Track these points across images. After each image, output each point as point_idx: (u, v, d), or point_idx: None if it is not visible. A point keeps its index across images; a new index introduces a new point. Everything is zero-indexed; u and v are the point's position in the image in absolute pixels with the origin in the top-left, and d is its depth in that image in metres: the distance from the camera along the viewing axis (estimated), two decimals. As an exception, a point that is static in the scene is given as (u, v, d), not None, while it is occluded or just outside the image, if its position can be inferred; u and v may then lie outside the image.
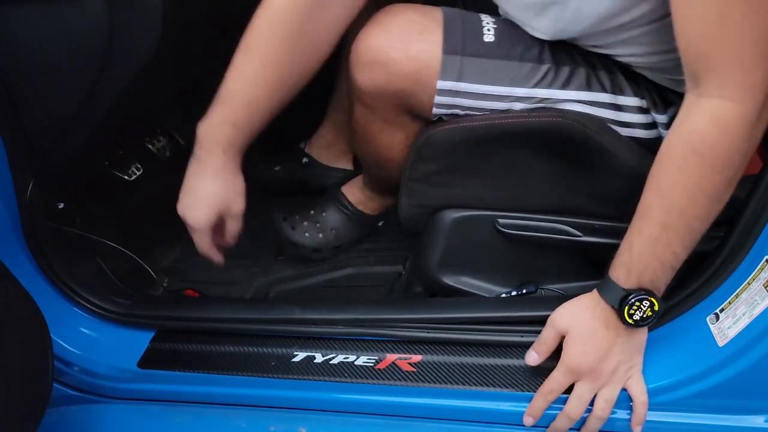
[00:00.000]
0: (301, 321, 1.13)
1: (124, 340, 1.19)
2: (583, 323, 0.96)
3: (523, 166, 1.08)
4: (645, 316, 0.92)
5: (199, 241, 1.12)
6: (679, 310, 0.99)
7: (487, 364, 1.04)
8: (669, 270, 0.92)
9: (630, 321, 0.92)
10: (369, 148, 1.22)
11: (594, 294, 0.96)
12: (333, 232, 1.43)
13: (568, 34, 1.02)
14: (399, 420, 1.06)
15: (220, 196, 1.09)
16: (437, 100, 1.03)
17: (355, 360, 1.08)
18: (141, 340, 1.18)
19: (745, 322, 0.92)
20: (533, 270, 1.18)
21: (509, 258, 1.17)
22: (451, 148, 1.08)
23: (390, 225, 1.47)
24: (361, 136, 1.20)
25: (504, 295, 1.18)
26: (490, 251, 1.17)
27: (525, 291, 1.17)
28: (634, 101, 1.06)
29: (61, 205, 1.23)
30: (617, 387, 0.97)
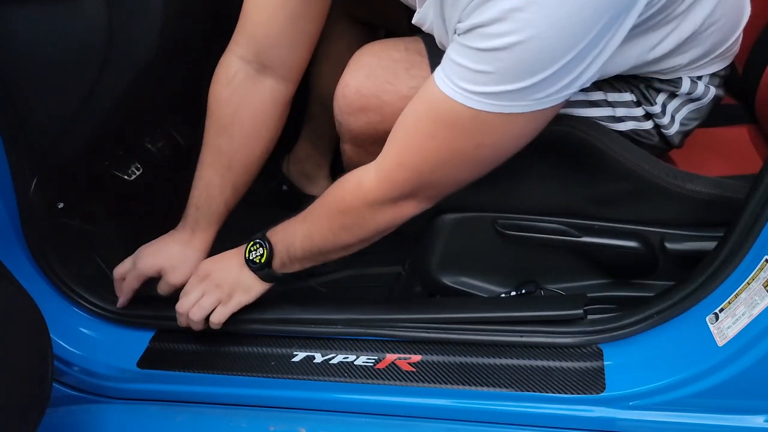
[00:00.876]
0: (301, 321, 1.13)
1: (124, 340, 1.19)
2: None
3: (522, 169, 1.08)
4: (255, 259, 1.09)
5: (129, 281, 1.19)
6: (678, 309, 0.99)
7: (487, 364, 1.04)
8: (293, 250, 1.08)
9: (246, 255, 1.09)
10: None
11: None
12: None
13: None
14: (398, 420, 1.06)
15: (169, 261, 1.17)
16: None
17: (354, 360, 1.08)
18: (141, 340, 1.19)
19: (744, 322, 0.92)
20: (533, 270, 1.18)
21: (508, 258, 1.17)
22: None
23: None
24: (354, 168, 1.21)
25: (503, 295, 1.18)
26: (489, 252, 1.17)
27: (525, 291, 1.17)
28: (626, 96, 1.07)
29: (61, 204, 1.23)
30: (210, 300, 1.11)
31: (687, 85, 1.08)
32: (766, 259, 0.91)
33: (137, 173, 1.40)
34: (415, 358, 1.06)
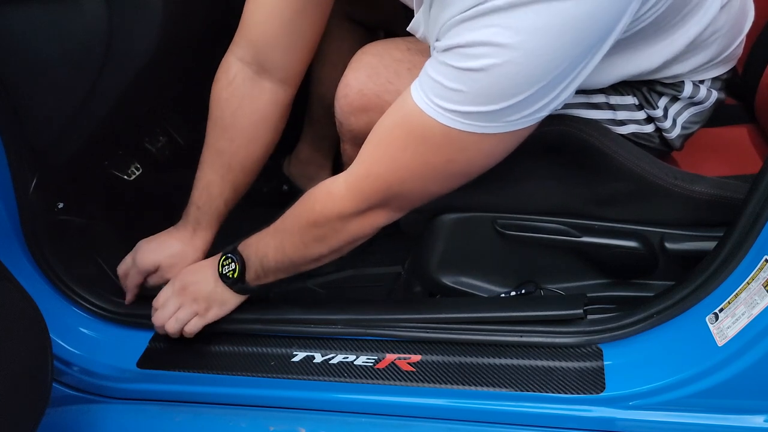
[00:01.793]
0: (301, 321, 1.13)
1: (124, 340, 1.19)
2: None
3: (522, 169, 1.08)
4: (228, 274, 1.10)
5: (132, 277, 1.21)
6: (678, 309, 0.99)
7: (487, 364, 1.04)
8: (266, 261, 1.08)
9: (219, 269, 1.11)
10: None
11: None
12: None
13: None
14: (398, 420, 1.06)
15: (168, 258, 1.19)
16: None
17: (354, 360, 1.08)
18: (140, 340, 1.19)
19: (744, 322, 0.92)
20: (532, 270, 1.18)
21: (508, 258, 1.17)
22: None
23: (389, 226, 1.46)
24: None
25: (503, 295, 1.18)
26: (489, 252, 1.17)
27: (524, 291, 1.17)
28: (628, 99, 1.07)
29: (61, 204, 1.24)
30: (186, 312, 1.12)
31: (689, 89, 1.08)
32: (766, 259, 0.91)
33: (137, 173, 1.40)
34: (415, 358, 1.06)
